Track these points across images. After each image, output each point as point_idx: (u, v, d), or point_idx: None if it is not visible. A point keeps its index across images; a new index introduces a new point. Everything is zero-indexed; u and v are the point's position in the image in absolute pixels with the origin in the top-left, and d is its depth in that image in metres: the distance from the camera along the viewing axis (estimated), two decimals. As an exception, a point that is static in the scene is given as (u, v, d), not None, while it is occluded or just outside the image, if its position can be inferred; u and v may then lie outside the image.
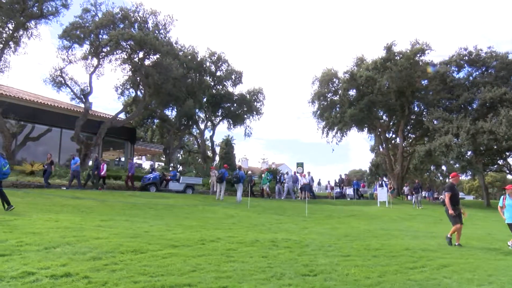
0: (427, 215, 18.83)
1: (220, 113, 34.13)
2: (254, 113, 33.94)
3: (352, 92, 33.63)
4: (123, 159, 32.36)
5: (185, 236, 7.54)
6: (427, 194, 38.47)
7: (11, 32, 19.43)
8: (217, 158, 40.96)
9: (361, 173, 70.15)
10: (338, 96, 34.04)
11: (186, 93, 28.64)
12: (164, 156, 34.66)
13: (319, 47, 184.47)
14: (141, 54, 24.09)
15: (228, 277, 4.68)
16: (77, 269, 4.51)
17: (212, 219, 11.59)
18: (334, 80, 33.85)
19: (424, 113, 32.66)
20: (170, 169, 26.38)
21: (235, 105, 33.09)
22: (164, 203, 14.87)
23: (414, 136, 37.63)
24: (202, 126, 34.23)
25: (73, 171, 17.12)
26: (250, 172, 35.91)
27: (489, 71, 31.51)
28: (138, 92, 27.54)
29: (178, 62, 26.55)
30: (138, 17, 23.73)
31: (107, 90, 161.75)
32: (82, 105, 24.22)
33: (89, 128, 24.33)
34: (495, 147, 27.84)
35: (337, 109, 34.19)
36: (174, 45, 26.41)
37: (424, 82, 32.67)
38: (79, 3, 22.30)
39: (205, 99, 32.08)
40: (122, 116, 27.68)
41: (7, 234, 6.34)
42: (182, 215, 11.97)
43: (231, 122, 34.44)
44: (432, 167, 37.92)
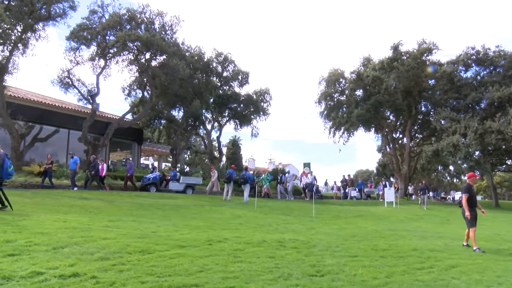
0: (434, 216, 18.73)
1: (227, 114, 34.05)
2: (261, 114, 33.81)
3: (359, 92, 33.48)
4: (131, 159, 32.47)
5: (192, 237, 7.55)
6: (433, 195, 38.18)
7: (20, 34, 19.58)
8: (224, 159, 40.98)
9: (368, 173, 69.98)
10: (345, 96, 33.88)
11: (193, 94, 28.62)
12: (171, 157, 34.71)
13: (326, 47, 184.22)
14: (148, 55, 24.19)
15: (235, 278, 4.69)
16: (85, 269, 4.55)
17: (219, 220, 11.58)
18: (341, 80, 33.72)
19: (432, 113, 32.37)
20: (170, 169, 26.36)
21: (242, 106, 33.00)
22: (171, 204, 14.91)
23: (421, 136, 37.31)
24: (209, 127, 34.22)
25: (71, 170, 17.35)
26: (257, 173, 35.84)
27: (497, 70, 31.18)
28: (145, 93, 27.62)
29: (185, 63, 26.55)
30: (145, 18, 23.82)
31: (114, 91, 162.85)
32: (90, 106, 24.39)
33: (97, 129, 24.51)
34: (504, 147, 27.56)
35: (344, 109, 34.03)
36: (181, 46, 26.46)
37: (431, 82, 32.38)
38: (86, 5, 22.52)
39: (212, 100, 32.04)
40: (129, 117, 27.78)
41: (16, 234, 6.40)
42: (189, 216, 11.97)
43: (238, 123, 34.36)
44: (440, 167, 37.53)
